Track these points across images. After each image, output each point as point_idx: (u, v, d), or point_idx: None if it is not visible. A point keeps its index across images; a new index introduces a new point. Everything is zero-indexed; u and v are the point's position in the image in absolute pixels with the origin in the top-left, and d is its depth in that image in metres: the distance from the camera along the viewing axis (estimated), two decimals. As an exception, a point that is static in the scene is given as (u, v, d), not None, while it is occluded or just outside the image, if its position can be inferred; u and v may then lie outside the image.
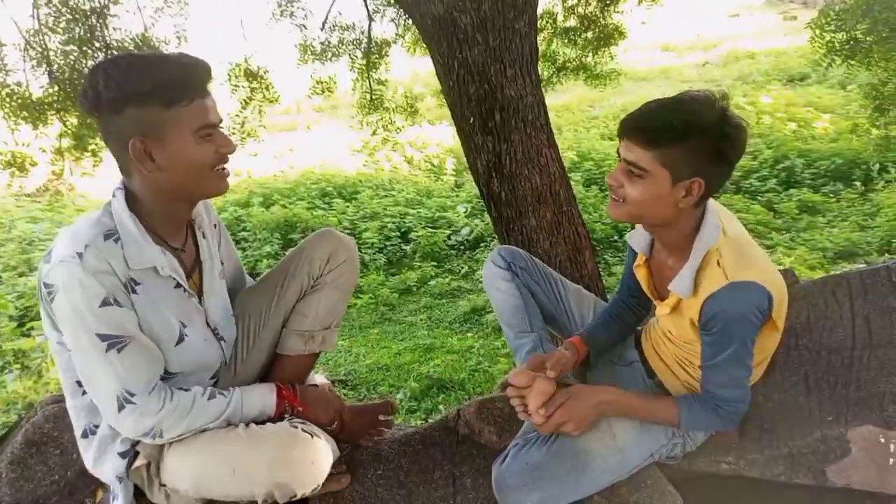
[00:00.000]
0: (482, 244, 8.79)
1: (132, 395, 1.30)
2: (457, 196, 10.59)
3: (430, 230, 8.95)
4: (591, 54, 7.54)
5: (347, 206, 9.83)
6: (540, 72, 3.36)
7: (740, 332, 1.34)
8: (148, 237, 1.36)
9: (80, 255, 1.25)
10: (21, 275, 7.36)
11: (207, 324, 1.49)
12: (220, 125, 1.36)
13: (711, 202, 1.44)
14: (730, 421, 1.43)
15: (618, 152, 1.41)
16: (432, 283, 7.84)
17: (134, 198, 1.37)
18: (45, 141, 5.60)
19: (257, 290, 1.68)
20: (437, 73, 3.16)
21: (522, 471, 1.43)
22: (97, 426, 1.41)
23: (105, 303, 1.27)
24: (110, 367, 1.28)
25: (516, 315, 1.74)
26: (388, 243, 8.83)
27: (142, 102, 1.27)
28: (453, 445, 1.72)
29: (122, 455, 1.41)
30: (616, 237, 8.40)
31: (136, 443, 1.40)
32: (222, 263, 1.60)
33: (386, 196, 10.35)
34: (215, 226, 1.62)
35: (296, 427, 1.42)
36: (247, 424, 1.43)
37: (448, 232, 9.02)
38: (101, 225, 1.32)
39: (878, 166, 9.67)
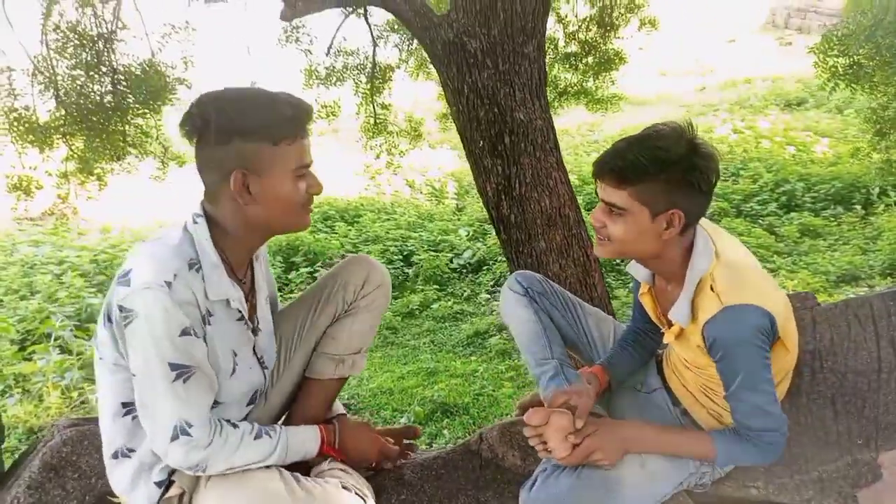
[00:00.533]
0: (484, 267, 8.80)
1: (190, 426, 1.29)
2: (458, 220, 10.63)
3: (433, 253, 8.96)
4: (591, 79, 7.61)
5: (350, 230, 9.85)
6: (547, 96, 3.38)
7: (745, 357, 1.33)
8: (224, 269, 1.36)
9: (168, 284, 1.25)
10: (23, 298, 7.33)
11: (255, 352, 1.49)
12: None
13: (706, 225, 1.46)
14: (770, 453, 1.39)
15: (596, 193, 1.43)
16: (435, 306, 7.82)
17: (216, 226, 1.36)
18: (50, 164, 5.61)
19: (289, 313, 1.67)
20: (446, 97, 3.18)
21: (552, 498, 1.40)
22: (131, 450, 1.39)
23: (185, 332, 1.27)
24: (174, 396, 1.27)
25: (536, 341, 1.72)
26: (390, 266, 8.82)
27: (251, 137, 1.29)
28: (476, 470, 1.70)
29: (159, 484, 1.39)
30: (619, 261, 8.39)
31: (173, 472, 1.38)
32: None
33: (388, 219, 10.38)
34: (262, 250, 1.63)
35: (348, 490, 1.41)
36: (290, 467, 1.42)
37: (450, 255, 9.03)
38: (184, 253, 1.31)
39: (878, 190, 9.73)
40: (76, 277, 7.90)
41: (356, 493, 1.41)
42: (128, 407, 1.36)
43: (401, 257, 9.05)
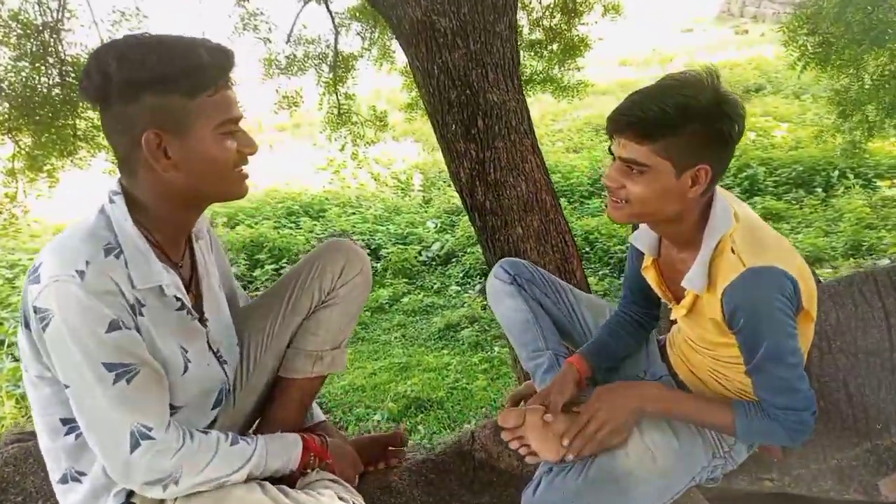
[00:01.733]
0: (453, 259, 8.70)
1: (149, 428, 1.10)
2: (425, 212, 10.51)
3: (401, 247, 8.83)
4: (557, 66, 7.55)
5: (315, 225, 9.65)
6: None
7: (770, 324, 1.21)
8: (152, 252, 1.17)
9: (80, 273, 1.05)
10: (-28, 304, 7.00)
11: (209, 346, 1.31)
12: (242, 121, 1.20)
13: (717, 187, 1.34)
14: (798, 434, 1.27)
15: (610, 151, 1.30)
16: (405, 300, 7.70)
17: (136, 203, 1.17)
18: (-5, 163, 5.34)
19: (258, 307, 1.50)
20: (415, 80, 3.05)
21: (559, 501, 1.28)
22: (81, 472, 1.19)
23: (112, 327, 1.07)
24: (120, 400, 1.08)
25: (527, 332, 1.60)
26: (357, 261, 8.65)
27: (162, 89, 1.08)
28: (470, 472, 1.59)
29: None
30: (587, 249, 8.39)
31: (131, 493, 1.19)
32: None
33: (354, 213, 10.21)
34: (207, 231, 1.44)
35: (346, 501, 1.25)
36: (275, 481, 1.24)
37: (419, 248, 8.91)
38: (97, 238, 1.11)
39: (837, 172, 9.89)
40: (29, 281, 7.57)
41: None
42: (68, 424, 1.17)
43: (369, 251, 8.89)
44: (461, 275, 8.26)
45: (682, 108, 1.19)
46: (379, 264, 8.67)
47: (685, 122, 1.19)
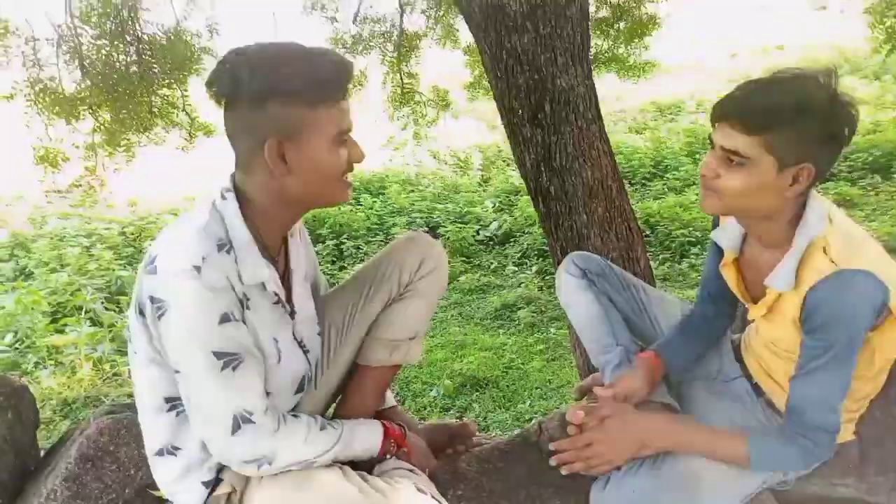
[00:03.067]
0: (511, 239, 8.69)
1: (250, 413, 1.18)
2: (484, 191, 10.49)
3: (459, 225, 8.86)
4: (623, 45, 7.39)
5: (375, 202, 9.77)
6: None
7: (846, 332, 1.18)
8: (257, 249, 1.25)
9: (197, 268, 1.13)
10: (53, 271, 7.38)
11: (294, 336, 1.38)
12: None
13: (812, 190, 1.30)
14: (812, 458, 1.26)
15: (709, 139, 1.27)
16: (462, 278, 7.74)
17: (247, 201, 1.24)
18: (77, 136, 5.58)
19: (338, 296, 1.56)
20: (483, 64, 3.05)
21: (627, 499, 1.30)
22: (176, 447, 1.29)
23: (224, 319, 1.16)
24: (227, 386, 1.17)
25: (598, 328, 1.60)
26: (416, 239, 8.73)
27: (287, 99, 1.15)
28: (537, 463, 1.59)
29: (206, 484, 1.30)
30: (648, 232, 8.24)
31: (221, 469, 1.30)
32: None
33: (413, 191, 10.28)
34: (299, 227, 1.50)
35: (424, 493, 1.29)
36: (353, 466, 1.32)
37: (476, 227, 8.92)
38: (212, 234, 1.19)
39: (918, 158, 9.41)
40: (105, 250, 7.94)
41: (434, 498, 1.29)
42: (171, 402, 1.27)
43: (427, 229, 8.96)
44: (518, 255, 8.25)
45: (797, 103, 1.16)
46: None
47: (797, 118, 1.16)
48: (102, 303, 6.54)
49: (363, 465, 1.37)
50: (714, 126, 1.25)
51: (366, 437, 1.36)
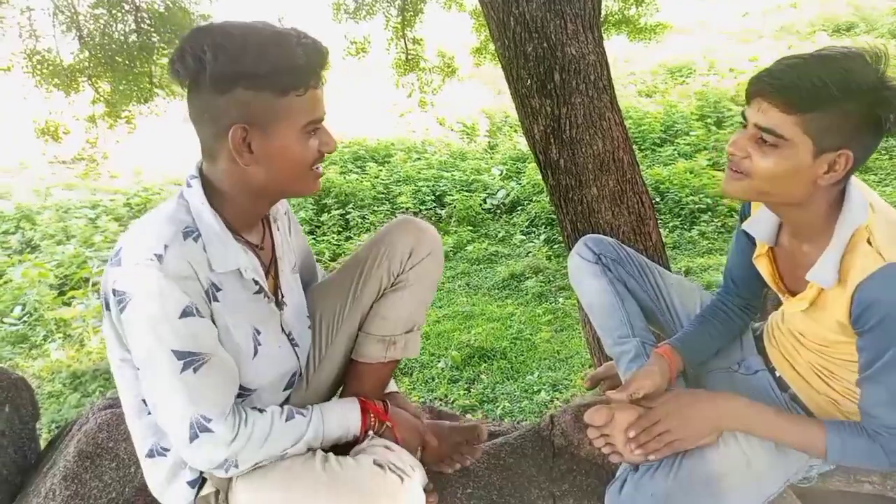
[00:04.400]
0: (518, 207, 8.59)
1: (208, 420, 1.12)
2: (491, 158, 10.36)
3: (466, 194, 8.76)
4: (634, 6, 7.20)
5: (381, 171, 9.66)
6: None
7: None
8: (229, 234, 1.19)
9: (158, 257, 1.07)
10: (59, 243, 7.38)
11: (282, 328, 1.32)
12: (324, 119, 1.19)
13: (852, 178, 1.21)
14: (894, 455, 1.18)
15: (743, 115, 1.18)
16: (469, 248, 7.69)
17: (213, 188, 1.19)
18: (77, 108, 5.50)
19: (329, 287, 1.49)
20: (490, 32, 2.93)
21: (647, 503, 1.23)
22: (165, 448, 1.25)
23: (185, 313, 1.10)
24: (184, 390, 1.10)
25: (612, 316, 1.52)
26: (422, 207, 8.66)
27: (255, 85, 1.08)
28: (549, 459, 1.55)
29: (191, 484, 1.25)
30: (658, 199, 8.12)
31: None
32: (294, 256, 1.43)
33: (419, 159, 10.15)
34: (285, 213, 1.45)
35: (382, 467, 1.23)
36: (326, 452, 1.26)
37: (483, 195, 8.83)
38: (177, 221, 1.13)
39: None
40: (110, 221, 7.92)
41: (392, 471, 1.23)
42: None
43: (433, 198, 8.87)
44: (526, 223, 8.16)
45: (843, 83, 1.07)
46: (443, 211, 8.65)
47: (842, 99, 1.08)
48: (109, 275, 6.53)
49: (354, 444, 1.33)
50: (749, 102, 1.16)
51: (340, 417, 1.30)
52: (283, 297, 1.33)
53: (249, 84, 1.08)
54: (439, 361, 5.48)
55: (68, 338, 5.85)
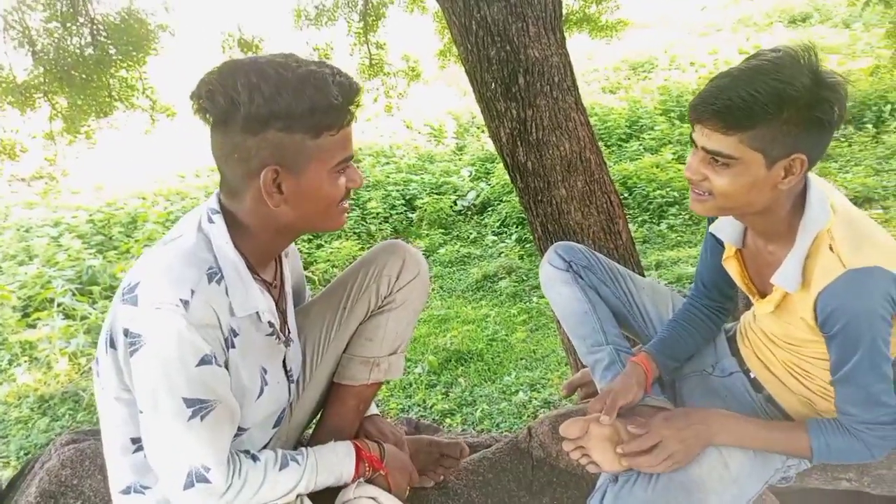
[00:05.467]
0: (489, 208, 8.61)
1: (207, 469, 1.09)
2: (459, 160, 10.36)
3: (436, 196, 8.75)
4: (595, 4, 7.25)
5: (348, 176, 9.57)
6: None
7: (867, 332, 1.12)
8: (250, 275, 1.15)
9: (185, 303, 1.02)
10: (21, 263, 7.18)
11: (284, 365, 1.29)
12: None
13: (810, 175, 1.22)
14: (878, 450, 1.21)
15: (691, 138, 1.18)
16: (441, 251, 7.68)
17: (236, 224, 1.14)
18: (34, 126, 5.37)
19: (315, 310, 1.46)
20: (452, 36, 2.92)
21: None
22: (145, 486, 1.20)
23: (203, 361, 1.06)
24: (189, 437, 1.07)
25: (585, 323, 1.52)
26: (393, 212, 8.63)
27: (288, 127, 1.04)
28: (528, 472, 1.53)
29: None
30: (626, 194, 8.20)
31: None
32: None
33: (388, 163, 10.11)
34: None
35: None
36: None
37: (454, 197, 8.83)
38: (200, 261, 1.08)
39: (889, 107, 9.41)
40: (74, 239, 7.73)
41: None
42: (138, 443, 1.17)
43: (403, 202, 8.84)
44: (497, 224, 8.18)
45: (776, 94, 1.07)
46: (414, 215, 8.63)
47: (779, 110, 1.07)
48: (73, 294, 6.38)
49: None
50: (693, 128, 1.17)
51: (334, 465, 1.28)
52: (289, 333, 1.31)
53: (283, 126, 1.04)
54: (416, 367, 5.45)
55: (35, 361, 5.69)
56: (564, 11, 7.13)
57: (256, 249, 1.17)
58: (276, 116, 1.03)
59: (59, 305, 6.18)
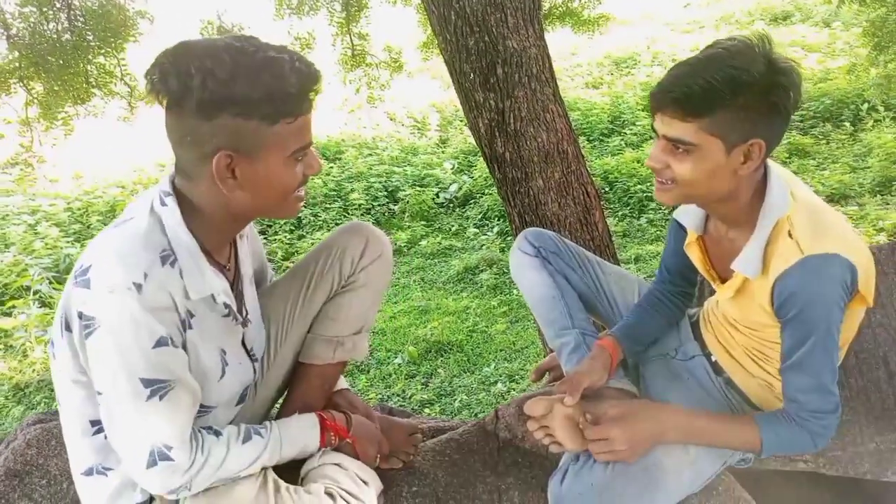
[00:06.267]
0: (471, 201, 8.63)
1: (169, 448, 1.09)
2: (442, 152, 10.36)
3: (418, 188, 8.75)
4: (577, -1, 7.29)
5: (332, 167, 9.55)
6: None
7: (823, 318, 1.15)
8: (205, 259, 1.14)
9: (138, 286, 1.02)
10: (-4, 251, 7.09)
11: (244, 344, 1.30)
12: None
13: (771, 163, 1.26)
14: (820, 439, 1.24)
15: (653, 128, 1.21)
16: (423, 243, 7.69)
17: (189, 207, 1.12)
18: (8, 112, 5.29)
19: (279, 289, 1.46)
20: (431, 26, 2.93)
21: (587, 493, 1.26)
22: (107, 468, 1.20)
23: (159, 343, 1.06)
24: (150, 417, 1.07)
25: (553, 308, 1.55)
26: (375, 203, 8.62)
27: (244, 113, 1.02)
28: (494, 453, 1.55)
29: None
30: (607, 189, 8.25)
31: None
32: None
33: (371, 155, 10.08)
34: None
35: (333, 497, 1.24)
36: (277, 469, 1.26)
37: (436, 190, 8.83)
38: (153, 244, 1.07)
39: (867, 105, 9.55)
40: (51, 227, 7.64)
41: (343, 499, 1.25)
42: (97, 425, 1.17)
43: (386, 193, 8.83)
44: (479, 217, 8.21)
45: (732, 80, 1.10)
46: (396, 207, 8.62)
47: (735, 95, 1.11)
48: (50, 282, 6.32)
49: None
50: (653, 116, 1.20)
51: (298, 437, 1.30)
52: (247, 314, 1.31)
53: (238, 112, 1.02)
54: (396, 357, 5.47)
55: (10, 349, 5.63)
56: (547, 5, 7.16)
57: (210, 232, 1.16)
58: (231, 102, 1.02)
59: (35, 293, 6.12)
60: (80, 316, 1.04)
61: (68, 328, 1.09)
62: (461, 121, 11.28)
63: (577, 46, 14.16)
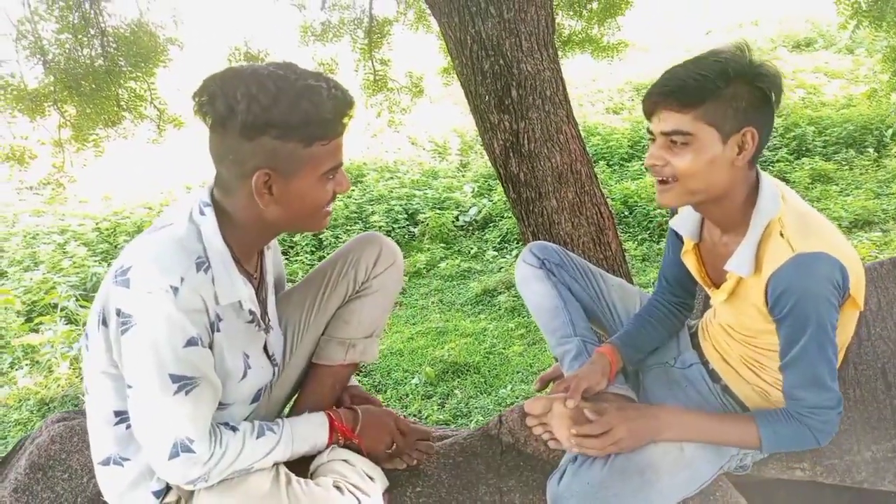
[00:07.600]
0: (490, 224, 8.68)
1: (191, 441, 1.17)
2: (463, 176, 10.46)
3: (438, 211, 8.83)
4: (596, 25, 7.35)
5: (353, 191, 9.69)
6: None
7: (815, 313, 1.18)
8: (235, 267, 1.23)
9: (175, 289, 1.10)
10: (27, 269, 7.28)
11: (265, 349, 1.38)
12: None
13: (762, 171, 1.31)
14: (822, 435, 1.26)
15: (649, 132, 1.28)
16: (442, 265, 7.74)
17: (225, 218, 1.22)
18: (43, 133, 5.47)
19: (296, 296, 1.55)
20: (448, 50, 3.01)
21: (584, 492, 1.29)
22: (125, 458, 1.28)
23: (190, 343, 1.14)
24: (175, 410, 1.15)
25: (556, 318, 1.60)
26: (395, 226, 8.71)
27: (283, 136, 1.12)
28: (497, 456, 1.59)
29: (157, 494, 1.29)
30: (627, 213, 8.26)
31: None
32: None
33: (391, 178, 10.21)
34: None
35: (341, 490, 1.30)
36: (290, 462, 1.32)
37: (456, 213, 8.90)
38: (190, 250, 1.16)
39: (890, 131, 9.48)
40: (79, 246, 7.83)
41: (350, 492, 1.31)
42: (120, 416, 1.25)
43: (406, 216, 8.92)
44: (498, 240, 8.25)
45: (721, 71, 1.19)
46: (416, 229, 8.70)
47: (725, 83, 1.19)
48: (77, 300, 6.46)
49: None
50: (650, 119, 1.27)
51: (308, 434, 1.36)
52: (269, 320, 1.39)
53: (278, 134, 1.11)
54: (413, 378, 5.49)
55: (36, 364, 5.76)
56: (567, 32, 7.25)
57: (242, 242, 1.25)
58: (272, 125, 1.10)
59: (62, 310, 6.26)
60: (119, 313, 1.12)
61: (105, 323, 1.16)
62: (482, 145, 11.40)
63: (598, 73, 14.26)
